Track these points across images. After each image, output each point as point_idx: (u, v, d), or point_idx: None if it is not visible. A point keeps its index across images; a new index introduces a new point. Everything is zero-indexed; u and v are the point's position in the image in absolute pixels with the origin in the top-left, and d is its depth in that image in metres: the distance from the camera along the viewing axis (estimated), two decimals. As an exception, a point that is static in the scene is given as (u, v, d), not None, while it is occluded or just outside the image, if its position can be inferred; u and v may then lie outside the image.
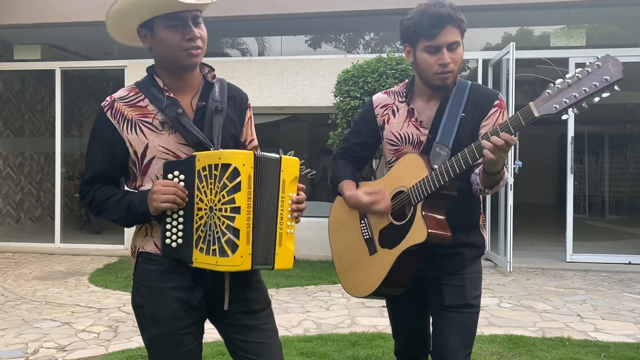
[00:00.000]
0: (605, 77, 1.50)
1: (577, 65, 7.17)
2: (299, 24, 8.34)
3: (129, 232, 7.79)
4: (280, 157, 1.62)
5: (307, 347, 3.65)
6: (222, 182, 1.55)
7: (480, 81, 7.14)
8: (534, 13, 7.73)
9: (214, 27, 1.86)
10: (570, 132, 6.77)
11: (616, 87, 1.51)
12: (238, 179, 1.54)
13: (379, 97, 2.08)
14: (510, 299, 5.09)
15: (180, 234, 1.62)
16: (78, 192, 1.74)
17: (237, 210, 1.54)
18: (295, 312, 4.62)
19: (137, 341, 3.86)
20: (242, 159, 1.55)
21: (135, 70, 7.64)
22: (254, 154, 1.57)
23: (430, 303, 2.02)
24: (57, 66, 8.28)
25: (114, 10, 1.63)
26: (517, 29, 8.68)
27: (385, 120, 2.02)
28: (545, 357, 3.51)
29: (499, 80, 6.98)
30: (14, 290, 5.48)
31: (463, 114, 1.90)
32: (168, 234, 1.62)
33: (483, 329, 4.12)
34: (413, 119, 1.97)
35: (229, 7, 7.48)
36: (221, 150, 1.61)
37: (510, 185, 6.34)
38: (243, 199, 1.54)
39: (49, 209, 10.08)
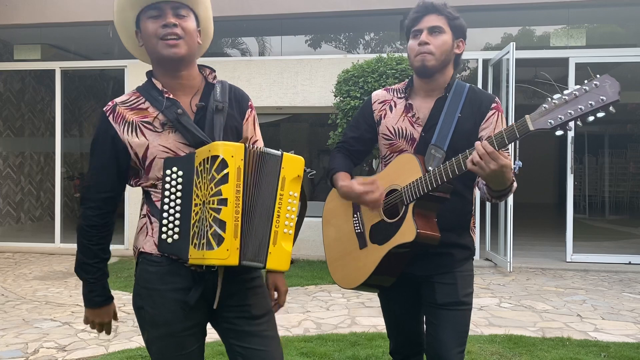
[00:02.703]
0: (601, 97, 1.50)
1: (577, 65, 7.19)
2: (299, 24, 8.34)
3: (130, 233, 7.80)
4: (282, 154, 1.60)
5: (307, 347, 3.66)
6: (210, 174, 1.52)
7: (480, 81, 7.15)
8: (534, 13, 7.74)
9: (214, 27, 1.87)
10: (571, 132, 6.80)
11: (611, 109, 1.51)
12: (226, 171, 1.51)
13: (378, 94, 2.12)
14: (510, 299, 5.09)
15: (176, 229, 1.61)
16: (80, 199, 1.75)
17: (224, 202, 1.50)
18: (295, 312, 4.62)
19: (137, 341, 3.86)
20: (230, 151, 1.52)
21: (135, 70, 7.65)
22: (245, 146, 1.55)
23: (422, 302, 2.05)
24: (57, 66, 8.29)
25: (115, 21, 1.73)
26: (517, 29, 8.68)
27: (382, 116, 2.06)
28: (545, 357, 3.52)
29: (499, 80, 6.98)
30: (14, 290, 5.48)
31: (460, 115, 1.93)
32: (164, 229, 1.61)
33: (483, 329, 4.12)
34: (409, 115, 2.00)
35: (229, 7, 7.48)
36: (213, 143, 1.56)
37: (510, 185, 6.34)
38: (230, 191, 1.51)
39: (49, 209, 10.08)
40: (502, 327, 4.18)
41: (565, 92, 1.56)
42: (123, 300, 5.04)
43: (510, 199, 6.35)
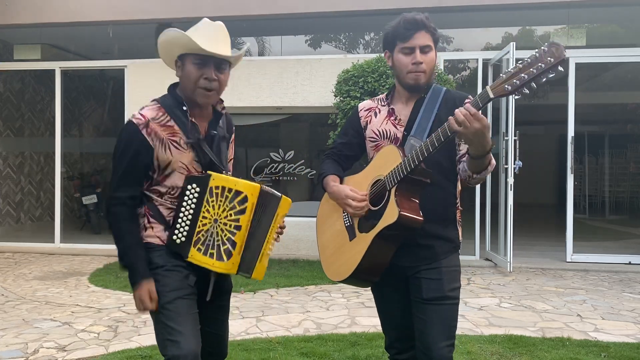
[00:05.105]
0: (549, 58, 1.68)
1: (578, 65, 7.19)
2: (299, 24, 8.33)
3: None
4: (281, 197, 2.05)
5: (307, 347, 3.66)
6: (232, 204, 1.95)
7: (480, 81, 7.14)
8: (534, 13, 7.73)
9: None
10: (570, 132, 6.75)
11: (560, 68, 1.69)
12: (245, 205, 1.95)
13: (364, 103, 2.30)
14: (510, 299, 5.09)
15: (184, 233, 1.99)
16: (106, 199, 2.08)
17: (239, 228, 1.96)
18: (295, 312, 4.62)
19: (137, 341, 3.87)
20: (252, 190, 1.96)
21: (135, 70, 7.64)
22: (261, 188, 1.98)
23: (410, 297, 2.12)
24: (57, 66, 8.28)
25: (160, 42, 2.01)
26: (517, 29, 8.68)
27: (368, 121, 2.22)
28: (545, 357, 3.52)
29: (499, 80, 6.97)
30: (14, 290, 5.48)
31: (437, 112, 2.07)
32: (176, 231, 1.99)
33: (483, 329, 4.12)
34: (392, 118, 2.15)
35: (229, 7, 7.48)
36: (237, 179, 1.99)
37: (510, 185, 6.35)
38: (245, 220, 1.97)
39: (49, 209, 10.07)
40: (502, 327, 4.18)
41: (520, 61, 1.73)
42: (123, 300, 5.04)
43: (510, 199, 6.36)
